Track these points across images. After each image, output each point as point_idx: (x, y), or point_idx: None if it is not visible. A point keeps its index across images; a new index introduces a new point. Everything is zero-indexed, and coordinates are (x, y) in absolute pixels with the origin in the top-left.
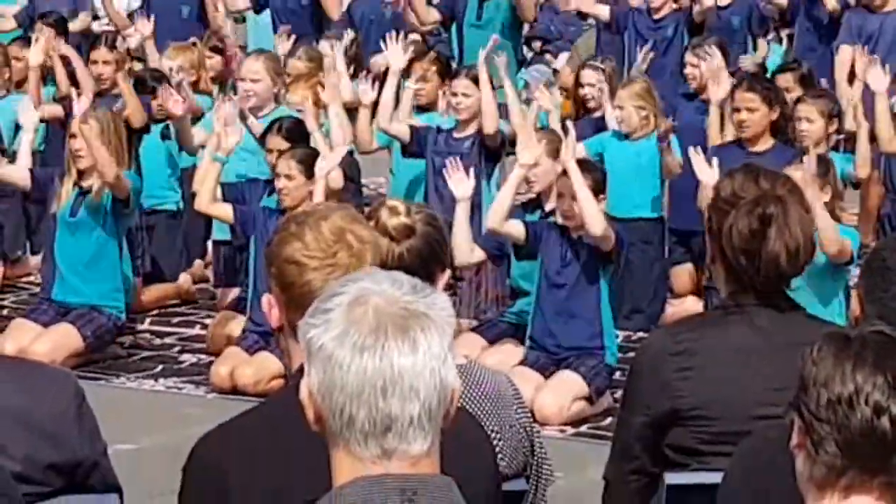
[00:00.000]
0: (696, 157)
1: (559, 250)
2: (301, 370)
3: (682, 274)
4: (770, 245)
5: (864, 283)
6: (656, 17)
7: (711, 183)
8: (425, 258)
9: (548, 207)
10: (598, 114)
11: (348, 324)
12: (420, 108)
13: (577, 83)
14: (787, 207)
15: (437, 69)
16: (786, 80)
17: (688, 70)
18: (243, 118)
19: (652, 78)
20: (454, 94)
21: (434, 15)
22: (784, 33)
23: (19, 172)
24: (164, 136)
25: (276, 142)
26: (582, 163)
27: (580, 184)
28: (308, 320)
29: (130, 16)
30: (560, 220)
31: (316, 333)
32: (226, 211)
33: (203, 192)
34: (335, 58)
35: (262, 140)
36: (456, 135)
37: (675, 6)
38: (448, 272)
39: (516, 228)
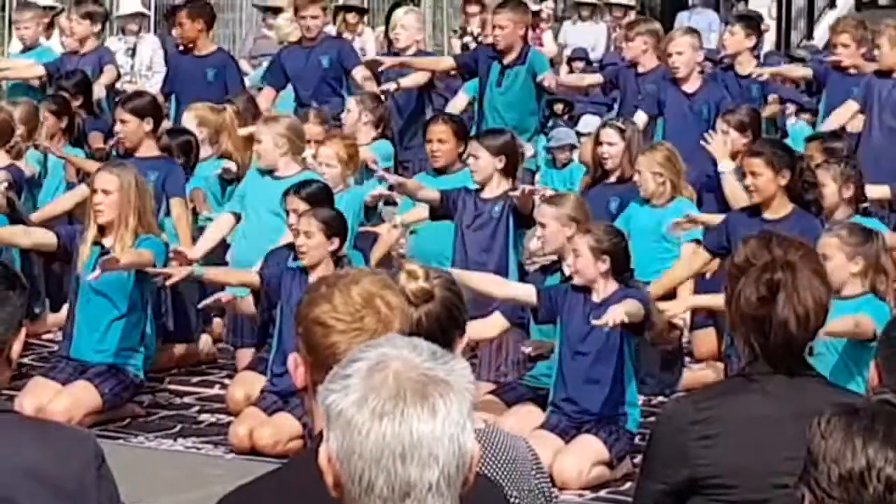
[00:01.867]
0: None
1: (582, 318)
2: (322, 434)
3: (703, 338)
4: (779, 312)
5: (883, 354)
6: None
7: (728, 169)
8: (444, 323)
9: (566, 272)
10: (613, 178)
11: (367, 389)
12: (437, 171)
13: (597, 141)
14: (797, 273)
15: (454, 130)
16: (810, 148)
17: (717, 137)
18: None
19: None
20: (474, 157)
21: (448, 62)
22: (803, 117)
23: (46, 238)
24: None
25: (295, 202)
26: (596, 225)
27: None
28: (328, 385)
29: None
30: (576, 281)
31: (335, 399)
32: (252, 279)
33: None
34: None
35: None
36: (484, 195)
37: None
38: (467, 336)
39: (525, 292)
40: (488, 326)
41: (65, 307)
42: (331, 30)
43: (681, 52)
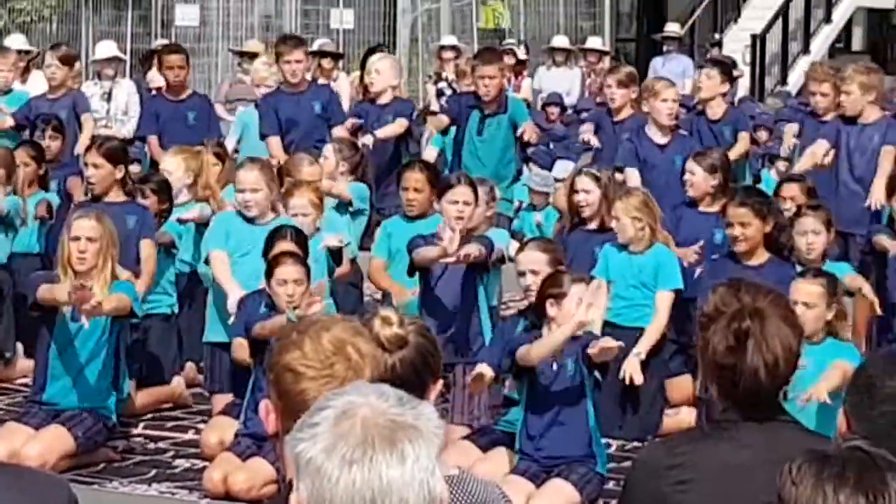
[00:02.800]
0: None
1: (546, 364)
2: (292, 482)
3: (680, 384)
4: (748, 360)
5: (850, 401)
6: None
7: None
8: (418, 369)
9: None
10: (593, 224)
11: (336, 437)
12: (411, 218)
13: (572, 189)
14: (766, 320)
15: (429, 178)
16: (790, 189)
17: (687, 177)
18: None
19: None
20: (465, 204)
21: (444, 120)
22: (778, 165)
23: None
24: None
25: (287, 246)
26: (575, 274)
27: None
28: (296, 434)
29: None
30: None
31: (304, 447)
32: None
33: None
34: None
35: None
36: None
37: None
38: (441, 382)
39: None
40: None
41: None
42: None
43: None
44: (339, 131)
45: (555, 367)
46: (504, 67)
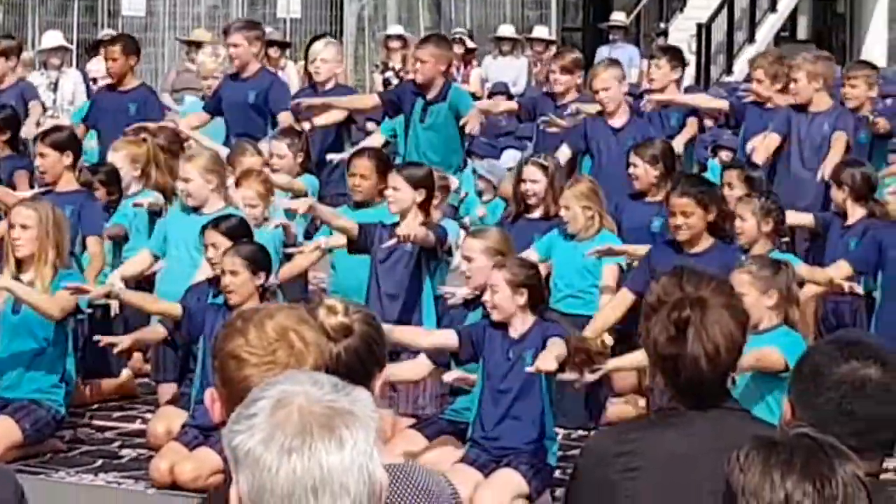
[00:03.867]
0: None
1: (501, 354)
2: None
3: (625, 373)
4: (688, 349)
5: (796, 389)
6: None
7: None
8: (363, 357)
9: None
10: (538, 213)
11: (273, 427)
12: (357, 204)
13: (519, 179)
14: (707, 309)
15: (377, 166)
16: (730, 176)
17: (631, 170)
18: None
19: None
20: (394, 189)
21: (373, 100)
22: (722, 154)
23: None
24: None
25: (214, 236)
26: (511, 259)
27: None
28: (232, 427)
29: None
30: (494, 317)
31: (241, 439)
32: (173, 308)
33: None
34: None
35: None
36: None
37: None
38: (386, 370)
39: (447, 338)
40: (414, 369)
41: None
42: None
43: (607, 88)
44: (284, 118)
45: (511, 355)
46: (440, 54)
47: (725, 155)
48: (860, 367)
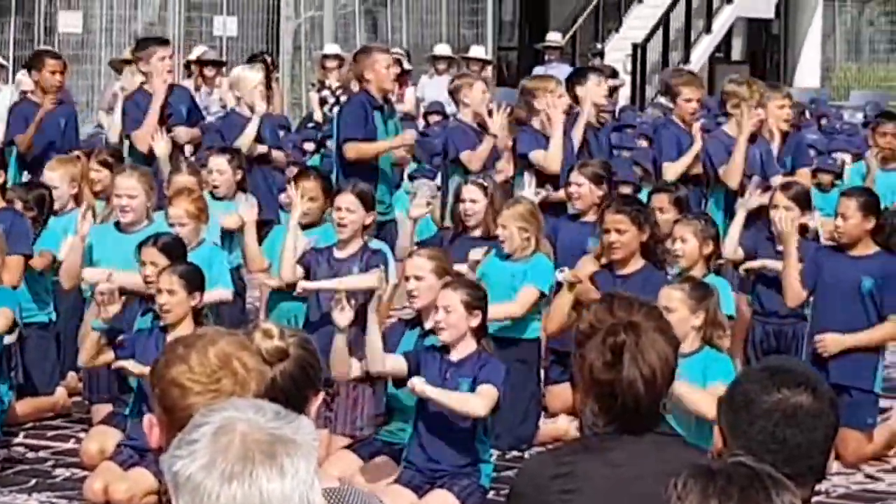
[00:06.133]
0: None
1: (438, 376)
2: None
3: (559, 393)
4: (625, 373)
5: (727, 418)
6: None
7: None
8: (298, 382)
9: (428, 325)
10: (476, 233)
11: (215, 453)
12: (304, 226)
13: (458, 198)
14: (641, 333)
15: (322, 186)
16: (660, 200)
17: (571, 189)
18: None
19: None
20: (338, 209)
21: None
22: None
23: None
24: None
25: (152, 254)
26: (464, 280)
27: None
28: (173, 452)
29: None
30: (444, 338)
31: (182, 465)
32: (111, 358)
33: (85, 353)
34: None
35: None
36: (338, 254)
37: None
38: (321, 395)
39: (399, 365)
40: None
41: None
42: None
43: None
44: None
45: (448, 377)
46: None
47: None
48: (791, 395)
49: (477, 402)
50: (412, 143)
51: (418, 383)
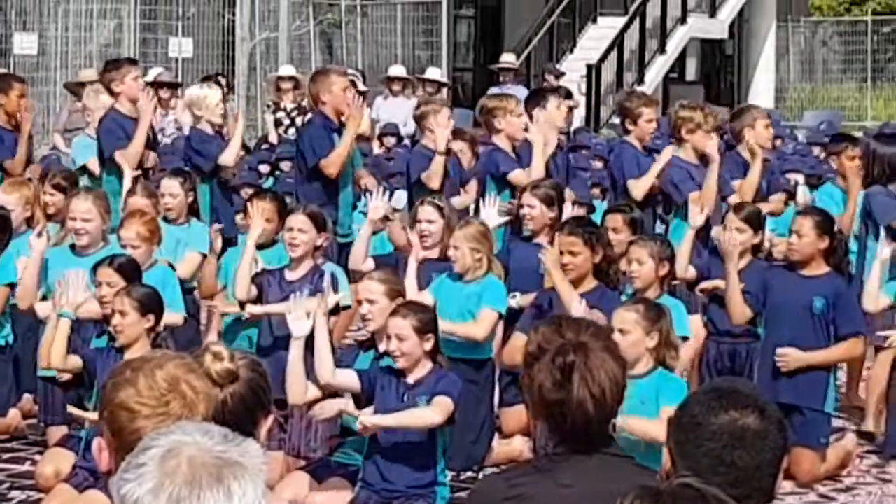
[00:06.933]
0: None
1: (395, 398)
2: None
3: (514, 414)
4: (575, 393)
5: (675, 440)
6: None
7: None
8: (249, 404)
9: (381, 348)
10: (433, 254)
11: (163, 476)
12: (258, 247)
13: (415, 219)
14: (589, 353)
15: (277, 208)
16: (614, 220)
17: (525, 211)
18: None
19: None
20: (289, 230)
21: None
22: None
23: None
24: None
25: (108, 274)
26: (412, 305)
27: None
28: (122, 475)
29: None
30: (400, 364)
31: (130, 488)
32: (77, 363)
33: (55, 355)
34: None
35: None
36: (289, 276)
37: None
38: (272, 417)
39: (350, 379)
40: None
41: None
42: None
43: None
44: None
45: (405, 399)
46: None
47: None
48: (739, 417)
49: (430, 412)
50: (363, 116)
51: (368, 420)
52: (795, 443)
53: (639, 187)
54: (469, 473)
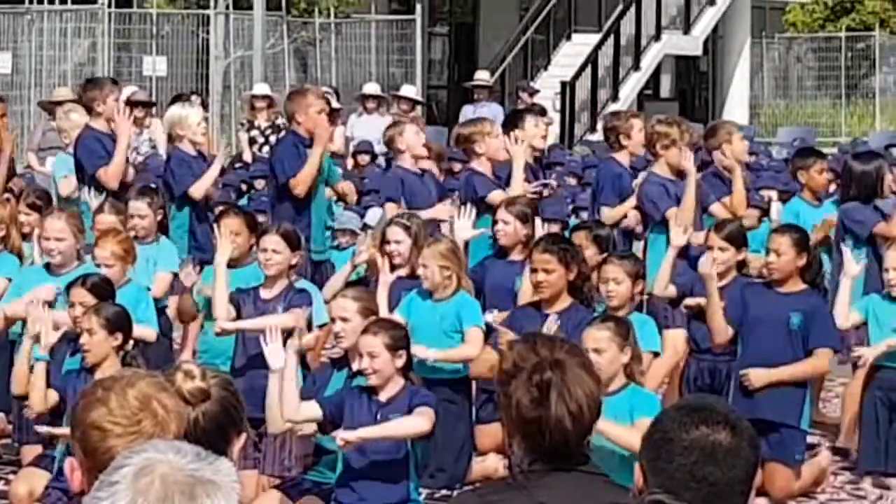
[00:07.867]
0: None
1: (369, 416)
2: None
3: (490, 431)
4: (553, 411)
5: (646, 456)
6: None
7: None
8: (221, 422)
9: (355, 367)
10: (403, 272)
11: (135, 494)
12: (231, 263)
13: (384, 240)
14: (566, 370)
15: (245, 221)
16: (579, 237)
17: (498, 227)
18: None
19: None
20: (263, 251)
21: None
22: (584, 213)
23: None
24: None
25: (81, 294)
26: (383, 323)
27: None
28: (94, 494)
29: None
30: (373, 381)
31: None
32: (55, 398)
33: (36, 400)
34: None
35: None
36: (264, 295)
37: None
38: (244, 435)
39: (313, 410)
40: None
41: None
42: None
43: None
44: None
45: (378, 417)
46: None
47: (585, 214)
48: (710, 433)
49: (415, 419)
50: (329, 135)
51: (348, 435)
52: (771, 458)
53: (610, 216)
54: (444, 491)
